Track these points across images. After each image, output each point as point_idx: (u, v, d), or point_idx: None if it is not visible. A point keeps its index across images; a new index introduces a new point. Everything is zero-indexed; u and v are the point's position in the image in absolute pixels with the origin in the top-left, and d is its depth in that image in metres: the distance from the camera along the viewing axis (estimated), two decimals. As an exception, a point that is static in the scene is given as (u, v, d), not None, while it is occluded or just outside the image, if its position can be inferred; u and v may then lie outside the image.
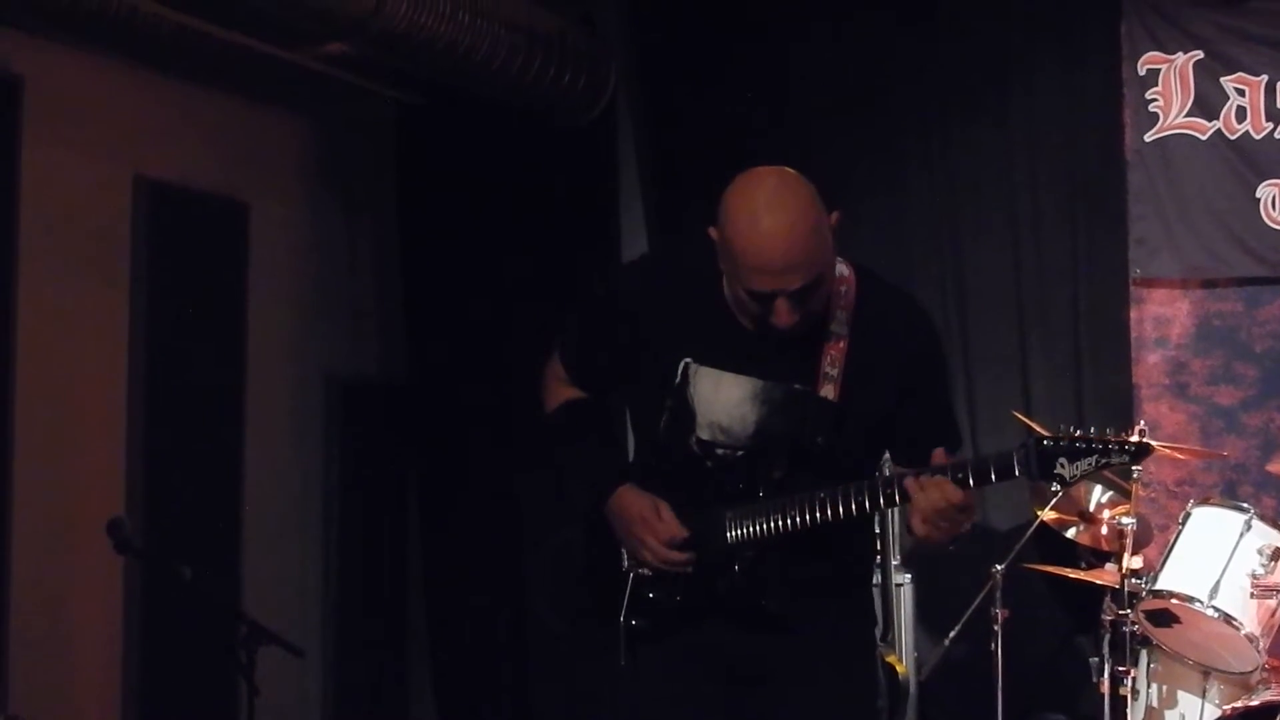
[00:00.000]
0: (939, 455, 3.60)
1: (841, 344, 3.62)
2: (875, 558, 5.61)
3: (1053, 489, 3.50)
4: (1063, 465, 3.44)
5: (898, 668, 6.43)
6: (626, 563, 3.76)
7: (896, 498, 3.54)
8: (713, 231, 3.55)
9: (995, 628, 6.07)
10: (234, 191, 7.37)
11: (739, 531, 3.65)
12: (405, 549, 8.20)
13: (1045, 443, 3.47)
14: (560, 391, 3.94)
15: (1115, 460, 3.46)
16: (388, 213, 8.14)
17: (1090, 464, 3.45)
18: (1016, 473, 3.48)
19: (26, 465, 6.29)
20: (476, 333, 7.76)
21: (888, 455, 3.88)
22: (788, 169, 3.57)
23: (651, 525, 3.66)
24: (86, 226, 6.69)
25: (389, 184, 8.15)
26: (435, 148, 7.88)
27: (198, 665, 6.45)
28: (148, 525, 6.60)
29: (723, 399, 3.65)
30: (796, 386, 3.62)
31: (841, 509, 3.56)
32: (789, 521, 3.60)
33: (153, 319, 6.88)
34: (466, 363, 7.80)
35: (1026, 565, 6.23)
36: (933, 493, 3.48)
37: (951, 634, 6.34)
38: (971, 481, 3.48)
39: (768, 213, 3.45)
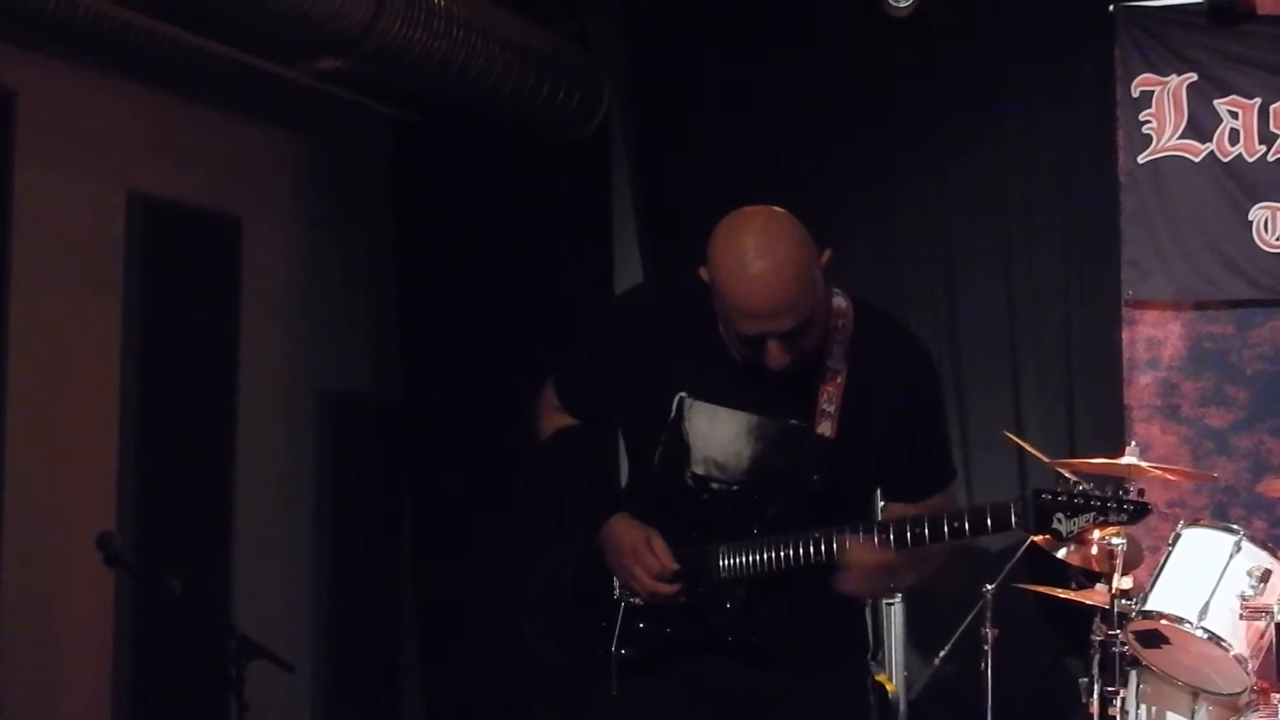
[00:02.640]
0: (930, 506, 3.63)
1: (839, 380, 3.58)
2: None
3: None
4: (1060, 520, 3.43)
5: (887, 687, 6.43)
6: (618, 591, 3.73)
7: (892, 541, 3.51)
8: (703, 272, 3.51)
9: (985, 647, 6.08)
10: (227, 207, 7.38)
11: (731, 567, 3.62)
12: (397, 564, 8.19)
13: (1044, 497, 3.45)
14: (554, 419, 3.90)
15: (1113, 518, 3.45)
16: (382, 229, 8.14)
17: (1087, 520, 3.44)
18: (1014, 525, 3.47)
19: (18, 479, 6.29)
20: (470, 349, 7.76)
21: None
22: (776, 208, 3.51)
23: (641, 558, 3.62)
24: (79, 241, 6.70)
25: (384, 200, 8.15)
26: (430, 164, 7.88)
27: (187, 679, 6.45)
28: (138, 539, 6.61)
29: (718, 434, 3.62)
30: (792, 422, 3.59)
31: (836, 549, 3.53)
32: (783, 559, 3.57)
33: (145, 334, 6.89)
34: (460, 379, 7.80)
35: (1017, 585, 6.24)
36: (863, 554, 3.50)
37: (941, 653, 6.36)
38: (967, 531, 3.48)
39: (755, 256, 3.39)
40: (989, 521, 3.47)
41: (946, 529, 3.48)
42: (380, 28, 6.16)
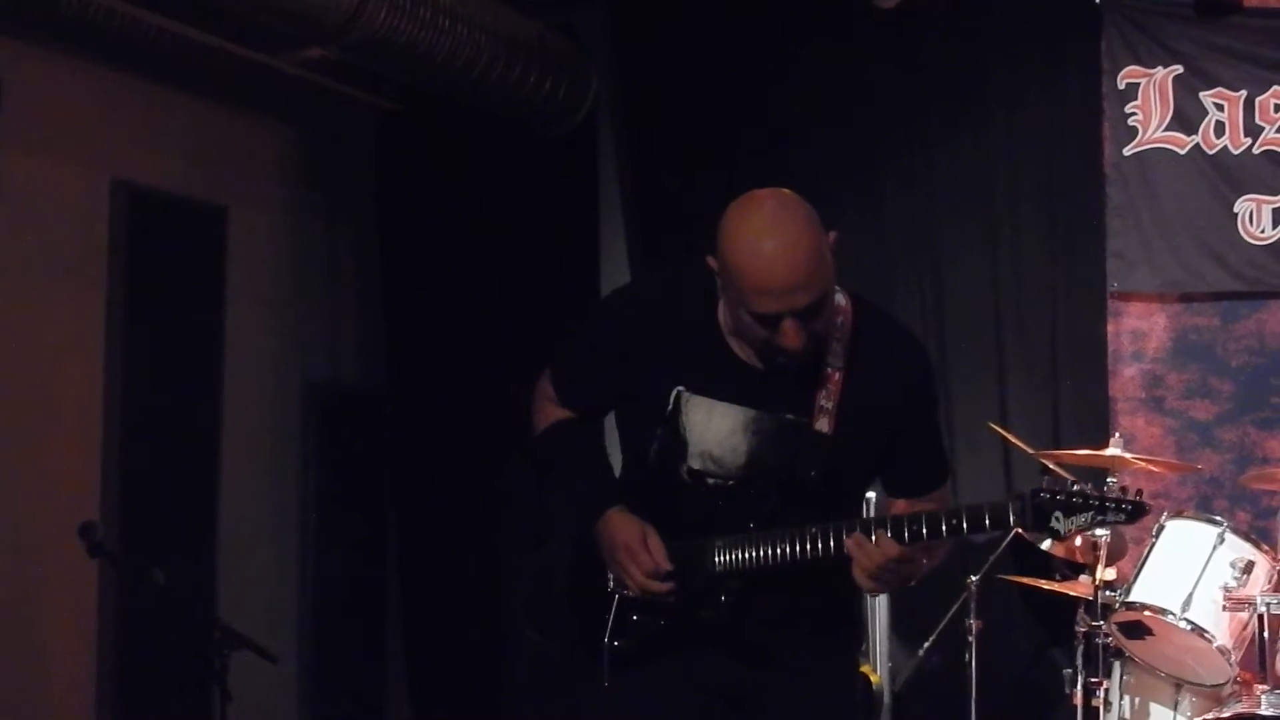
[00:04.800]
0: (935, 499, 3.65)
1: (837, 377, 3.59)
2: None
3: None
4: (1058, 519, 3.41)
5: (872, 678, 6.43)
6: (612, 584, 3.73)
7: (890, 538, 3.47)
8: (711, 260, 3.50)
9: (970, 638, 6.08)
10: (213, 196, 7.36)
11: (726, 562, 3.61)
12: (382, 554, 8.18)
13: (1042, 495, 3.43)
14: (550, 411, 3.90)
15: (1111, 518, 3.43)
16: (368, 219, 8.14)
17: (1085, 520, 3.42)
18: (1011, 523, 3.46)
19: (0, 468, 6.27)
20: (456, 339, 7.76)
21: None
22: (784, 190, 3.53)
23: (635, 555, 3.62)
24: (64, 229, 6.68)
25: (369, 190, 8.14)
26: (416, 155, 7.88)
27: (171, 670, 6.42)
28: (122, 529, 6.59)
29: (714, 429, 3.62)
30: (789, 417, 3.59)
31: (832, 545, 3.52)
32: (777, 554, 3.56)
33: (130, 323, 6.87)
34: (446, 369, 7.80)
35: (1001, 577, 6.25)
36: (872, 551, 3.47)
37: (926, 644, 6.37)
38: (965, 529, 3.47)
39: (769, 234, 3.40)
40: (987, 520, 3.46)
41: (945, 526, 3.47)
42: (366, 16, 6.16)
